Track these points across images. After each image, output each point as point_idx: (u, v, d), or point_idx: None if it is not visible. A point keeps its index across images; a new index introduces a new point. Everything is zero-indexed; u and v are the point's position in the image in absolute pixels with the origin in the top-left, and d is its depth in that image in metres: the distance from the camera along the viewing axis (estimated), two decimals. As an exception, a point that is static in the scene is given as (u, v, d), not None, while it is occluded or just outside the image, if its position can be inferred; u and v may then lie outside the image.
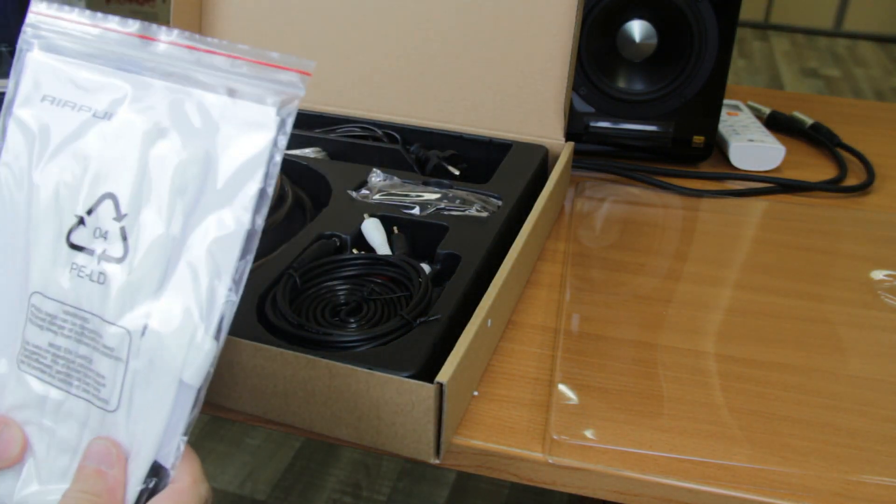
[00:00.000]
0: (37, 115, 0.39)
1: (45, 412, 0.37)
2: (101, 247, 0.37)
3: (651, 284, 0.61)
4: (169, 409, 0.36)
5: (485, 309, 0.47)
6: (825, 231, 0.70)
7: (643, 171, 0.80)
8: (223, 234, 0.36)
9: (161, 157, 0.37)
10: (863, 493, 0.44)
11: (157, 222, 0.36)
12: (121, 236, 0.36)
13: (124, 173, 0.37)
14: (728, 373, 0.52)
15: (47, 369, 0.37)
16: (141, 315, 0.36)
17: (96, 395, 0.36)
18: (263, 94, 0.36)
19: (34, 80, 0.40)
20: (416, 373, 0.43)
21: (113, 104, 0.38)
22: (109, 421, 0.36)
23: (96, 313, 0.36)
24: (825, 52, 3.69)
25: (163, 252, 0.36)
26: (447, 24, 0.73)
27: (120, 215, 0.37)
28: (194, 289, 0.36)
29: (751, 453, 0.45)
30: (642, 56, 0.79)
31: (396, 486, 1.36)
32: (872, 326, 0.57)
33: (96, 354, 0.36)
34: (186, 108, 0.37)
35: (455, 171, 0.70)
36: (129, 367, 0.36)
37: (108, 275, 0.36)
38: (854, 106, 1.01)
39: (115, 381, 0.36)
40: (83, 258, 0.37)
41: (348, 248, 0.57)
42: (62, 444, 0.37)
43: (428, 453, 0.44)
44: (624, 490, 0.45)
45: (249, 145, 0.36)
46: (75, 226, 0.37)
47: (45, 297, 0.37)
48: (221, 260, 0.36)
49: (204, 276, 0.36)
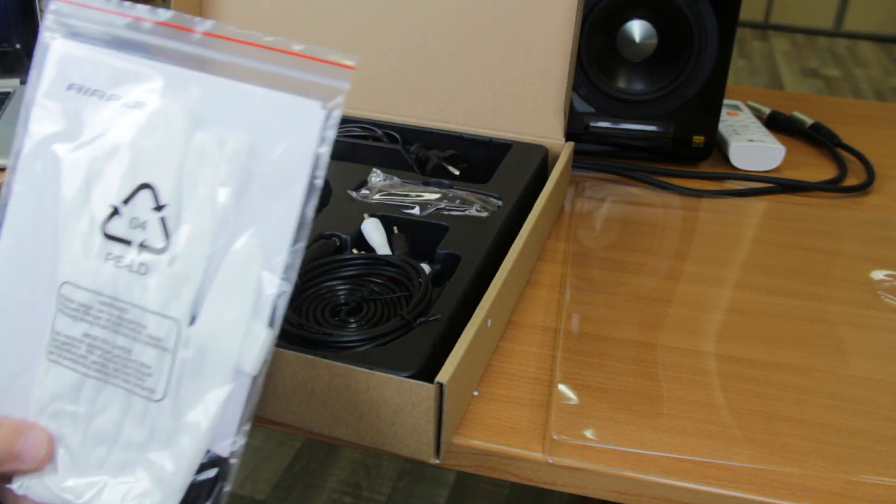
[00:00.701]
0: (62, 105, 0.38)
1: (79, 402, 0.37)
2: (140, 237, 0.36)
3: (651, 284, 0.61)
4: (223, 398, 0.35)
5: (485, 309, 0.47)
6: (825, 231, 0.70)
7: (643, 171, 0.80)
8: (273, 225, 0.35)
9: (202, 147, 0.36)
10: (863, 493, 0.44)
11: (201, 213, 0.36)
12: (161, 227, 0.36)
13: (162, 164, 0.36)
14: (728, 373, 0.52)
15: (81, 360, 0.37)
16: (187, 305, 0.36)
17: (139, 384, 0.36)
18: (307, 88, 0.35)
19: (59, 68, 0.39)
20: (416, 373, 0.43)
21: (145, 93, 0.37)
22: (154, 410, 0.36)
23: (137, 304, 0.36)
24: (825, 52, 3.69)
25: (207, 243, 0.36)
26: (447, 24, 0.73)
27: (159, 206, 0.36)
28: (245, 279, 0.35)
29: (751, 453, 0.45)
30: (642, 56, 0.79)
31: (396, 486, 1.36)
32: (872, 326, 0.57)
33: (138, 344, 0.36)
34: (227, 100, 0.36)
35: (455, 171, 0.70)
36: (178, 357, 0.35)
37: (149, 265, 0.36)
38: (854, 106, 1.01)
39: (162, 370, 0.35)
40: (120, 248, 0.36)
41: (348, 248, 0.57)
42: (98, 434, 0.37)
43: (428, 453, 0.44)
44: (624, 490, 0.45)
45: (296, 138, 0.35)
46: (110, 216, 0.37)
47: (77, 287, 0.37)
48: (272, 250, 0.35)
49: (255, 266, 0.35)
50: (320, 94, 0.35)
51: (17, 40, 0.98)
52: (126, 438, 0.36)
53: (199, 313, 0.36)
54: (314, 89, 0.35)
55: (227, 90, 0.36)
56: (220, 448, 0.36)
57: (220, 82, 0.37)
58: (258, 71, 0.36)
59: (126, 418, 0.36)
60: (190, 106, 0.37)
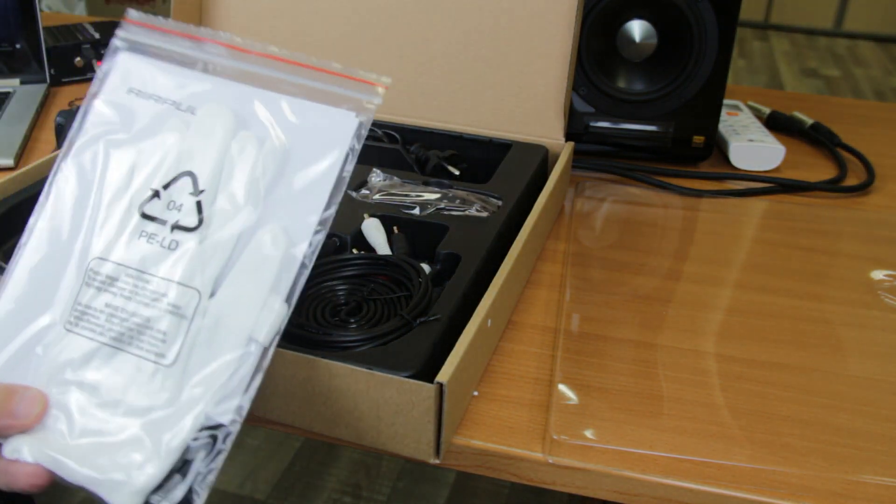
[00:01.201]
0: (121, 102, 0.43)
1: (88, 369, 0.38)
2: (175, 217, 0.39)
3: (651, 284, 0.61)
4: (231, 365, 0.37)
5: (485, 309, 0.47)
6: (825, 231, 0.70)
7: (643, 171, 0.80)
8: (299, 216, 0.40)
9: (243, 143, 0.40)
10: (863, 493, 0.44)
11: (234, 199, 0.40)
12: (196, 209, 0.39)
13: (205, 156, 0.40)
14: (728, 373, 0.52)
15: (99, 328, 0.39)
16: (210, 279, 0.39)
17: (152, 350, 0.38)
18: (341, 101, 0.41)
19: (122, 76, 0.43)
20: (416, 373, 0.43)
21: (195, 99, 0.42)
22: (160, 375, 0.37)
23: (164, 276, 0.38)
24: (825, 52, 3.69)
25: (237, 224, 0.39)
26: (447, 25, 0.73)
27: (197, 191, 0.40)
28: (268, 260, 0.39)
29: (751, 453, 0.45)
30: (642, 56, 0.79)
31: (396, 486, 1.36)
32: (872, 326, 0.57)
33: (157, 312, 0.38)
34: (271, 107, 0.41)
35: (455, 171, 0.70)
36: (193, 325, 0.38)
37: (180, 242, 0.39)
38: (854, 106, 1.01)
39: (177, 337, 0.38)
40: (154, 227, 0.39)
41: (348, 248, 0.57)
42: (103, 400, 0.38)
43: (428, 453, 0.44)
44: (624, 490, 0.45)
45: (330, 142, 0.40)
46: (150, 199, 0.40)
47: (106, 260, 0.39)
48: (296, 237, 0.39)
49: (279, 249, 0.39)
50: (353, 106, 0.41)
51: (18, 40, 0.98)
52: (129, 403, 0.37)
53: (219, 288, 0.39)
54: (348, 102, 0.41)
55: (272, 100, 0.41)
56: (222, 415, 0.37)
57: (265, 94, 0.42)
58: (301, 86, 0.41)
59: (132, 384, 0.38)
60: (235, 111, 0.41)
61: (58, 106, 0.93)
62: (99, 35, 1.01)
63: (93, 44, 0.99)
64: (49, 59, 0.96)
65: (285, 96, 0.41)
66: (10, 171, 0.76)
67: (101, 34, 1.02)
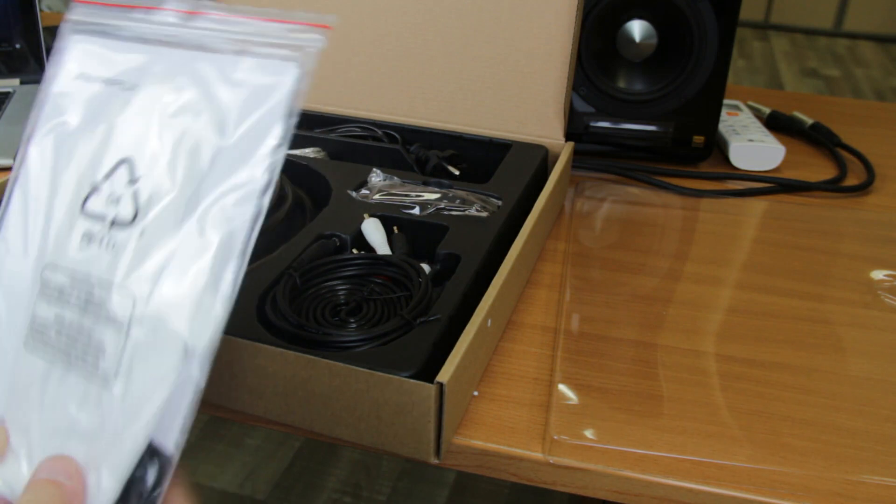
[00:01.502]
0: (70, 91, 0.40)
1: (46, 391, 0.35)
2: (114, 212, 0.36)
3: (651, 284, 0.61)
4: (171, 381, 0.33)
5: (485, 309, 0.47)
6: (825, 231, 0.70)
7: (643, 171, 0.80)
8: (237, 196, 0.34)
9: (177, 121, 0.36)
10: (863, 493, 0.44)
11: (170, 185, 0.35)
12: (133, 200, 0.35)
13: (141, 138, 0.37)
14: (728, 373, 0.52)
15: (51, 343, 0.36)
16: (147, 280, 0.34)
17: (95, 369, 0.34)
18: (280, 51, 0.36)
19: (70, 61, 0.41)
20: (416, 373, 0.43)
21: (136, 74, 0.38)
22: (106, 397, 0.34)
23: (104, 281, 0.35)
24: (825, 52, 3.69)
25: (173, 215, 0.35)
26: (447, 24, 0.73)
27: (134, 179, 0.36)
28: (204, 252, 0.34)
29: (751, 453, 0.45)
30: (642, 56, 0.79)
31: (396, 486, 1.36)
32: (872, 326, 0.57)
33: (99, 325, 0.35)
34: (204, 73, 0.37)
35: (455, 171, 0.70)
36: (131, 336, 0.34)
37: (118, 241, 0.35)
38: (854, 106, 1.01)
39: (115, 351, 0.34)
40: (96, 226, 0.36)
41: (348, 248, 0.57)
42: (56, 425, 0.35)
43: (428, 453, 0.44)
44: (624, 490, 0.45)
45: (266, 101, 0.35)
46: (91, 193, 0.36)
47: (56, 268, 0.36)
48: (235, 223, 0.34)
49: (215, 238, 0.34)
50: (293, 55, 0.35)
51: (18, 40, 0.98)
52: (81, 429, 0.34)
53: (154, 288, 0.34)
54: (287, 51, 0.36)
55: (206, 63, 0.37)
56: (161, 437, 0.33)
57: (200, 56, 0.37)
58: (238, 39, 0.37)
59: (83, 407, 0.34)
60: (173, 83, 0.37)
61: (58, 106, 0.92)
62: (99, 35, 1.01)
63: (93, 44, 0.99)
64: (49, 59, 0.96)
65: (225, 55, 0.37)
66: (9, 172, 0.76)
67: (101, 34, 1.02)
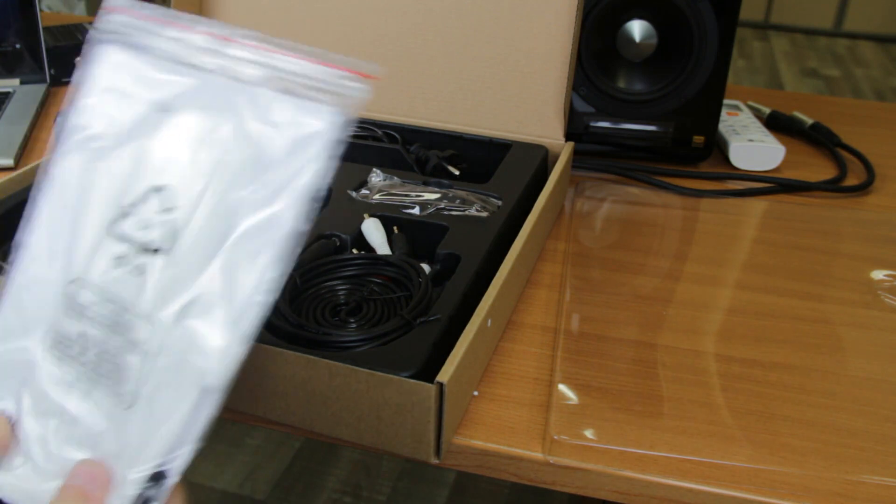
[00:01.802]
0: (98, 105, 0.39)
1: (68, 402, 0.36)
2: (143, 237, 0.36)
3: (651, 284, 0.61)
4: (188, 411, 0.34)
5: (485, 309, 0.47)
6: (825, 231, 0.70)
7: (643, 171, 0.80)
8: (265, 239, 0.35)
9: (213, 152, 0.37)
10: (863, 493, 0.44)
11: (203, 217, 0.36)
12: (163, 228, 0.36)
13: (175, 167, 0.37)
14: (728, 373, 0.52)
15: (75, 357, 0.36)
16: (175, 311, 0.35)
17: (118, 390, 0.35)
18: (323, 96, 0.36)
19: (100, 72, 0.40)
20: (416, 373, 0.43)
21: (173, 99, 0.38)
22: (126, 418, 0.35)
23: (132, 306, 0.36)
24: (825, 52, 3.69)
25: (203, 249, 0.35)
26: (447, 24, 0.73)
27: (166, 208, 0.36)
28: (229, 288, 0.35)
29: (751, 453, 0.45)
30: (642, 56, 0.79)
31: (396, 486, 1.36)
32: (872, 326, 0.57)
33: (125, 348, 0.35)
34: (242, 107, 0.37)
35: (455, 171, 0.70)
36: (156, 365, 0.35)
37: (146, 267, 0.36)
38: (854, 106, 1.01)
39: (141, 376, 0.35)
40: (124, 249, 0.36)
41: (348, 248, 0.57)
42: (80, 437, 0.36)
43: (428, 453, 0.44)
44: (624, 490, 0.45)
45: (305, 148, 0.36)
46: (120, 217, 0.37)
47: (82, 286, 0.37)
48: (261, 259, 0.35)
49: (241, 274, 0.35)
50: (336, 101, 0.36)
51: (17, 40, 0.98)
52: (104, 447, 0.35)
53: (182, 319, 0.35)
54: (331, 97, 0.36)
55: (247, 96, 0.37)
56: (168, 462, 0.35)
57: (242, 88, 0.37)
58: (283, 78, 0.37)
59: (110, 424, 0.36)
60: (211, 112, 0.37)
61: (58, 106, 0.93)
62: (99, 35, 1.01)
63: (93, 44, 0.99)
64: (49, 59, 0.96)
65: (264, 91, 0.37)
66: (9, 171, 0.76)
67: (101, 34, 1.02)
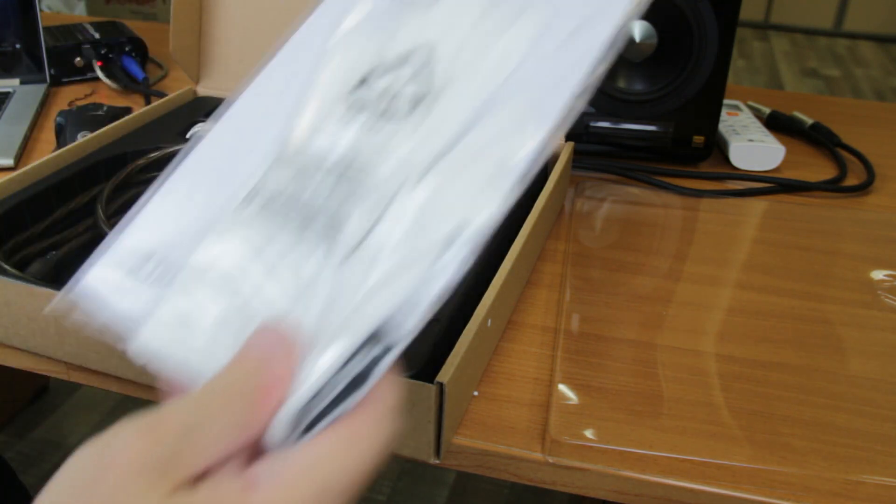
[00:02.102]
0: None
1: (265, 253, 0.32)
2: (387, 105, 0.34)
3: (651, 284, 0.61)
4: (423, 270, 0.32)
5: (485, 309, 0.47)
6: (825, 231, 0.70)
7: (643, 171, 0.80)
8: (551, 87, 0.32)
9: (493, 19, 0.34)
10: (863, 493, 0.44)
11: (475, 78, 0.33)
12: (412, 99, 0.34)
13: (449, 43, 0.34)
14: (728, 373, 0.52)
15: (278, 210, 0.33)
16: (424, 164, 0.32)
17: (335, 241, 0.31)
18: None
19: None
20: (416, 373, 0.43)
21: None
22: (344, 272, 0.31)
23: (364, 165, 0.33)
24: (825, 52, 3.70)
25: (469, 108, 0.33)
26: (447, 24, 0.73)
27: (424, 67, 0.34)
28: (493, 149, 0.32)
29: (751, 453, 0.45)
30: (642, 56, 0.79)
31: (396, 486, 1.36)
32: (872, 326, 0.57)
33: (350, 199, 0.32)
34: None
35: (455, 170, 0.70)
36: (396, 228, 0.31)
37: (396, 128, 0.33)
38: (854, 106, 1.01)
39: (362, 227, 0.31)
40: (370, 110, 0.34)
41: (348, 248, 0.57)
42: (281, 289, 0.31)
43: (428, 453, 0.44)
44: (624, 490, 0.45)
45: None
46: (359, 85, 0.34)
47: (308, 144, 0.34)
48: (543, 110, 0.32)
49: (513, 137, 0.32)
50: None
51: (17, 40, 0.98)
52: (311, 300, 0.31)
53: (429, 179, 0.32)
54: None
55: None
56: (396, 327, 0.32)
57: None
58: None
59: (315, 276, 0.31)
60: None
61: (58, 106, 0.93)
62: (99, 35, 1.01)
63: (93, 44, 0.99)
64: (49, 59, 0.96)
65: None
66: (9, 171, 0.76)
67: (101, 34, 1.02)
